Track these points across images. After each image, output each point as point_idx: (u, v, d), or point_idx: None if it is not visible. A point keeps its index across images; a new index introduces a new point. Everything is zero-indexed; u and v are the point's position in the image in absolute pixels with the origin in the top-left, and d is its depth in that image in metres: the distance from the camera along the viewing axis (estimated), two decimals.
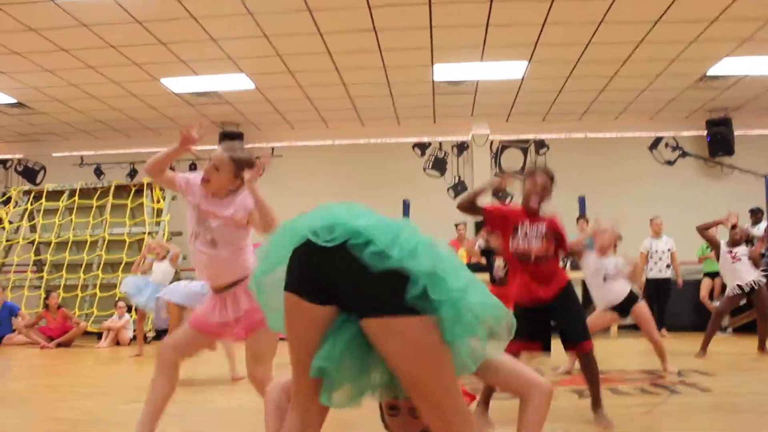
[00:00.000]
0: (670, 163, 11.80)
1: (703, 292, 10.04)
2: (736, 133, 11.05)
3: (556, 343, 4.05)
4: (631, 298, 6.02)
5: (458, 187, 11.92)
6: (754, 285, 7.25)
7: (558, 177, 4.14)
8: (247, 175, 3.18)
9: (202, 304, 3.42)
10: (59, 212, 11.32)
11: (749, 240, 9.85)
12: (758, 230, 9.96)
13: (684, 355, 7.36)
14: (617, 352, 7.86)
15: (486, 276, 7.44)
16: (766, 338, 7.19)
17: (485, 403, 3.90)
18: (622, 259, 6.24)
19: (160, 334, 9.47)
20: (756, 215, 10.06)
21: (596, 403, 3.94)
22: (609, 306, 6.05)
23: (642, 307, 6.06)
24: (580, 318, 4.09)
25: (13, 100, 10.04)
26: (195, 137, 3.34)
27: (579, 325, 4.03)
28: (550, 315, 4.01)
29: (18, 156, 12.81)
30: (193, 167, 12.15)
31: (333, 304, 1.84)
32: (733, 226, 7.54)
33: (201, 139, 3.37)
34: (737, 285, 7.33)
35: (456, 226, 10.67)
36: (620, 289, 6.03)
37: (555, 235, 4.01)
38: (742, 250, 7.41)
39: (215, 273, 3.25)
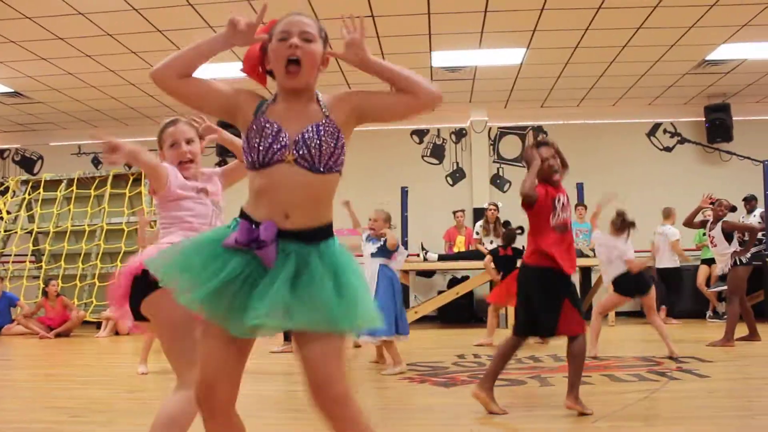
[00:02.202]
0: (668, 149, 11.79)
1: (700, 279, 10.05)
2: (735, 118, 11.03)
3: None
4: (640, 281, 6.05)
5: (456, 174, 11.90)
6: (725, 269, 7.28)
7: None
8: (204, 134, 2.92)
9: None
10: (57, 202, 11.30)
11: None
12: (753, 218, 9.98)
13: (683, 341, 7.39)
14: (615, 339, 7.89)
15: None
16: (734, 329, 6.89)
17: (490, 386, 3.91)
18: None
19: None
20: (750, 203, 10.06)
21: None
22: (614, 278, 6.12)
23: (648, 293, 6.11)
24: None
25: (10, 90, 10.01)
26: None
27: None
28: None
29: (15, 146, 12.78)
30: None
31: None
32: (712, 202, 7.50)
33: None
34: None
35: (454, 213, 10.68)
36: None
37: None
38: (716, 231, 7.34)
39: None
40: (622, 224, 6.14)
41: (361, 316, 1.94)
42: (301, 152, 1.96)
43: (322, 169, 1.98)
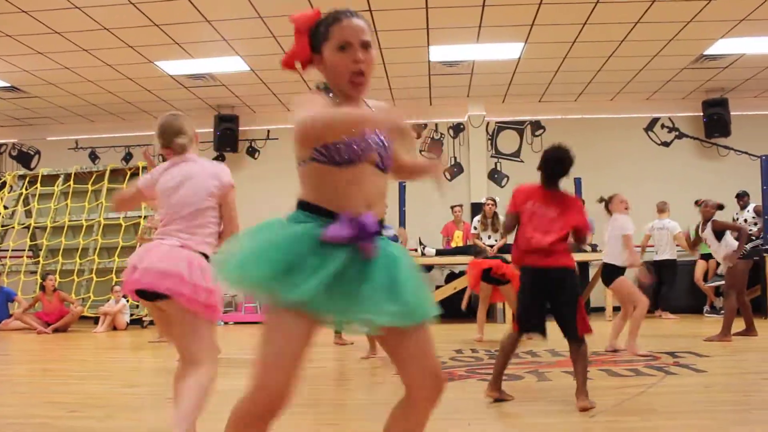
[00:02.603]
0: (666, 144, 11.79)
1: (698, 274, 10.07)
2: (733, 113, 11.03)
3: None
4: (613, 270, 6.13)
5: (454, 169, 11.90)
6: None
7: None
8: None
9: None
10: (54, 197, 11.29)
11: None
12: (747, 213, 10.00)
13: (679, 336, 7.41)
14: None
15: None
16: (731, 324, 6.94)
17: (499, 385, 4.04)
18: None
19: None
20: (743, 199, 10.08)
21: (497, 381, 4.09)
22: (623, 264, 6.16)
23: (622, 281, 6.15)
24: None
25: (7, 84, 9.99)
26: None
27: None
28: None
29: (12, 140, 12.77)
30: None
31: None
32: (697, 202, 7.60)
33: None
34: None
35: (452, 208, 10.67)
36: (614, 253, 6.17)
37: None
38: (707, 232, 7.38)
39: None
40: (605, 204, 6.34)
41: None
42: (380, 154, 1.99)
43: (386, 169, 2.04)
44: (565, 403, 3.88)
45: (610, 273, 6.18)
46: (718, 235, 7.22)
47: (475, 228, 9.87)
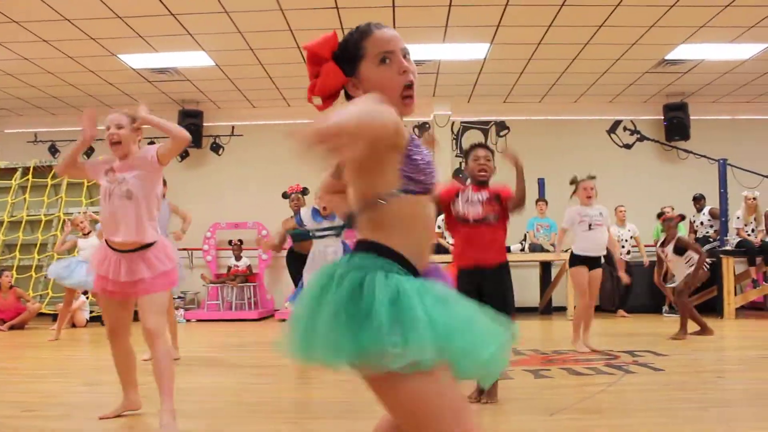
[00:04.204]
0: (627, 146, 11.98)
1: (657, 275, 10.25)
2: (692, 117, 11.27)
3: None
4: (572, 257, 6.38)
5: None
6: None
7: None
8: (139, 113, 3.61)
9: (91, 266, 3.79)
10: (12, 191, 11.04)
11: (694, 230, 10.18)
12: (703, 216, 10.24)
13: (638, 335, 7.54)
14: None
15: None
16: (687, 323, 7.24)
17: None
18: (606, 209, 6.67)
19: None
20: (699, 202, 10.32)
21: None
22: (585, 254, 6.31)
23: (575, 271, 6.36)
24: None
25: None
26: (93, 131, 3.64)
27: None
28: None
29: None
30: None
31: None
32: (661, 217, 7.94)
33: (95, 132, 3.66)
34: None
35: None
36: (603, 238, 6.39)
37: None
38: (669, 248, 7.60)
39: (127, 228, 3.52)
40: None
41: None
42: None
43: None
44: (525, 402, 3.92)
45: (570, 259, 6.47)
46: (680, 250, 7.47)
47: (439, 227, 9.91)
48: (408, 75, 1.73)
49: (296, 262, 6.53)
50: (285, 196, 6.75)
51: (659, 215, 8.18)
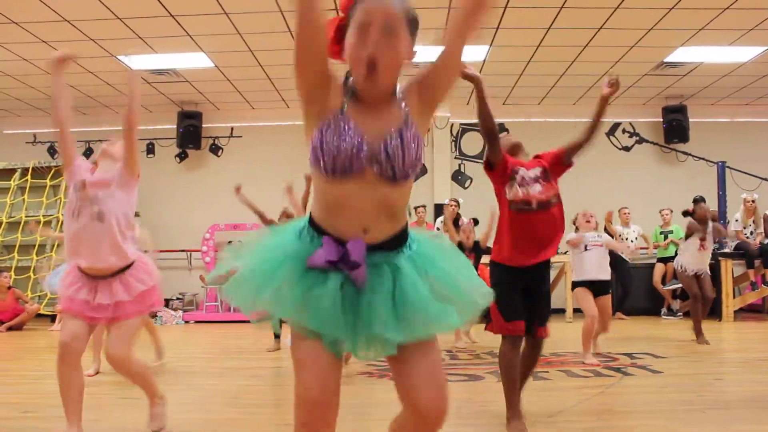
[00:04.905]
0: (626, 149, 11.99)
1: (656, 277, 10.27)
2: (691, 120, 11.29)
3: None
4: (606, 284, 6.01)
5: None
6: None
7: None
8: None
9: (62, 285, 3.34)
10: (11, 191, 11.04)
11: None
12: None
13: (636, 338, 7.54)
14: (572, 336, 7.99)
15: None
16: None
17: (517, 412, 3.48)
18: (604, 234, 6.42)
19: None
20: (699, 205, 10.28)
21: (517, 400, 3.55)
22: (585, 278, 5.96)
23: (606, 300, 5.99)
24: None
25: None
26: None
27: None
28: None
29: None
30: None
31: None
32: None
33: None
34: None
35: (415, 209, 10.70)
36: (601, 259, 6.04)
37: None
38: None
39: (99, 253, 3.16)
40: None
41: (469, 299, 1.82)
42: (382, 166, 1.71)
43: (398, 179, 1.74)
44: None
45: (572, 284, 6.19)
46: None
47: (438, 229, 9.92)
48: (366, 50, 1.68)
49: None
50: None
51: (685, 213, 8.00)
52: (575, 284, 6.09)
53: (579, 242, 6.11)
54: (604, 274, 6.03)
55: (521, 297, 3.46)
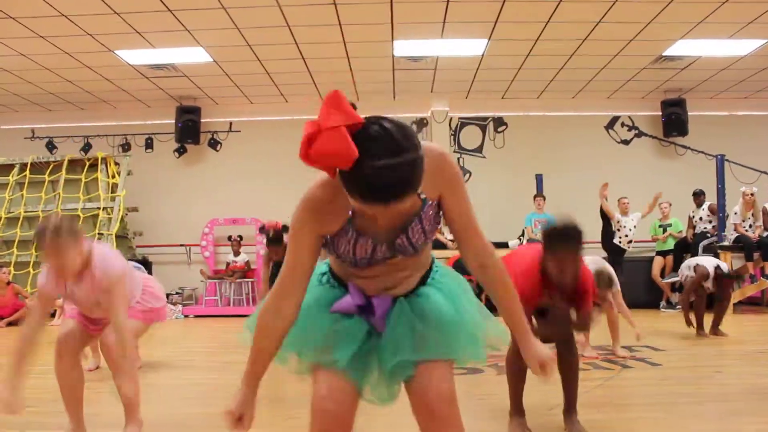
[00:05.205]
0: (625, 142, 11.99)
1: (655, 270, 10.28)
2: (690, 113, 11.28)
3: None
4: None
5: None
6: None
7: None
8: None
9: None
10: (9, 187, 11.01)
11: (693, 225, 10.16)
12: (702, 211, 10.24)
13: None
14: None
15: None
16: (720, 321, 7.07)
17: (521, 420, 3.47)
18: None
19: None
20: (699, 198, 10.31)
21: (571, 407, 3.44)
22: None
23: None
24: None
25: None
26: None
27: None
28: None
29: None
30: (149, 141, 11.96)
31: None
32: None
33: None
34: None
35: None
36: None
37: None
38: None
39: (102, 313, 3.24)
40: None
41: (476, 341, 1.89)
42: (404, 251, 1.75)
43: (420, 251, 1.79)
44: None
45: None
46: None
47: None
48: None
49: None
50: (262, 230, 6.73)
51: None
52: None
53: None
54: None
55: None
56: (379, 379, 1.85)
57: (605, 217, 9.84)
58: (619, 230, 9.92)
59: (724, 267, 7.16)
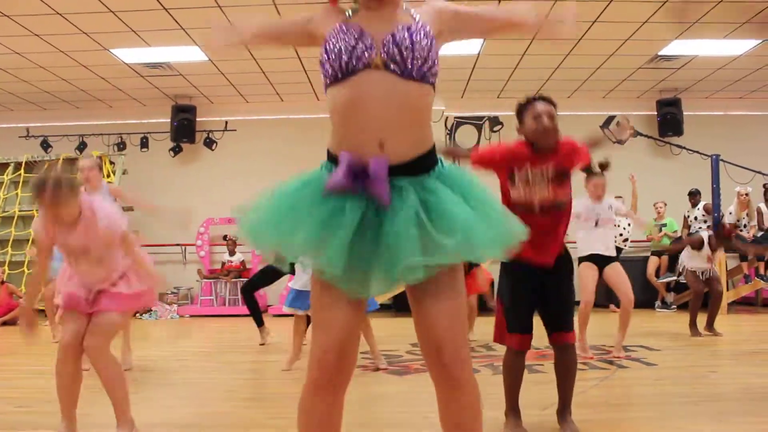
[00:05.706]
0: (620, 142, 11.98)
1: (650, 270, 10.30)
2: (686, 113, 11.31)
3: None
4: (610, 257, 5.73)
5: None
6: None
7: None
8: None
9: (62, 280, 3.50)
10: (4, 186, 10.98)
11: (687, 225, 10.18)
12: (698, 211, 10.27)
13: (631, 330, 7.53)
14: None
15: None
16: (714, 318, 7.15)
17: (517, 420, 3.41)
18: (614, 200, 6.08)
19: None
20: (695, 197, 10.33)
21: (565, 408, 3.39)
22: (593, 252, 5.71)
23: (616, 267, 5.78)
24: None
25: None
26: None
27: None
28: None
29: None
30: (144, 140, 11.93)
31: None
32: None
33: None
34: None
35: None
36: (610, 236, 5.85)
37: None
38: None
39: (96, 278, 3.29)
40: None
41: (506, 234, 1.72)
42: (390, 52, 1.64)
43: (415, 75, 1.65)
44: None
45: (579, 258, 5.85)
46: None
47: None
48: None
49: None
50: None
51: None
52: (580, 260, 5.79)
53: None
54: (611, 251, 5.83)
55: (532, 303, 3.26)
56: (383, 279, 1.70)
57: None
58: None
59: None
